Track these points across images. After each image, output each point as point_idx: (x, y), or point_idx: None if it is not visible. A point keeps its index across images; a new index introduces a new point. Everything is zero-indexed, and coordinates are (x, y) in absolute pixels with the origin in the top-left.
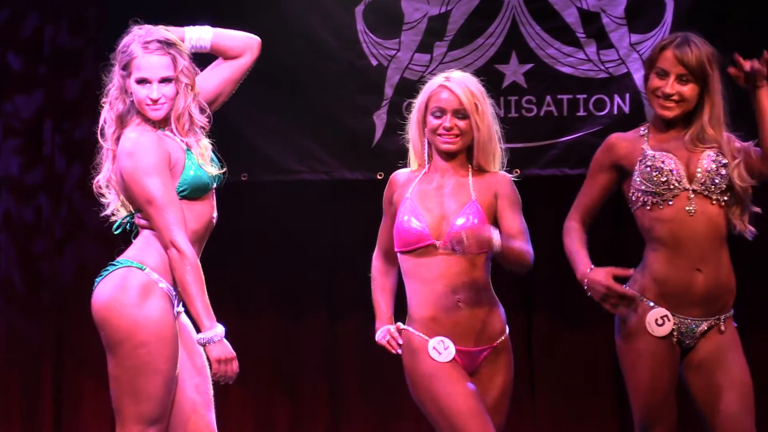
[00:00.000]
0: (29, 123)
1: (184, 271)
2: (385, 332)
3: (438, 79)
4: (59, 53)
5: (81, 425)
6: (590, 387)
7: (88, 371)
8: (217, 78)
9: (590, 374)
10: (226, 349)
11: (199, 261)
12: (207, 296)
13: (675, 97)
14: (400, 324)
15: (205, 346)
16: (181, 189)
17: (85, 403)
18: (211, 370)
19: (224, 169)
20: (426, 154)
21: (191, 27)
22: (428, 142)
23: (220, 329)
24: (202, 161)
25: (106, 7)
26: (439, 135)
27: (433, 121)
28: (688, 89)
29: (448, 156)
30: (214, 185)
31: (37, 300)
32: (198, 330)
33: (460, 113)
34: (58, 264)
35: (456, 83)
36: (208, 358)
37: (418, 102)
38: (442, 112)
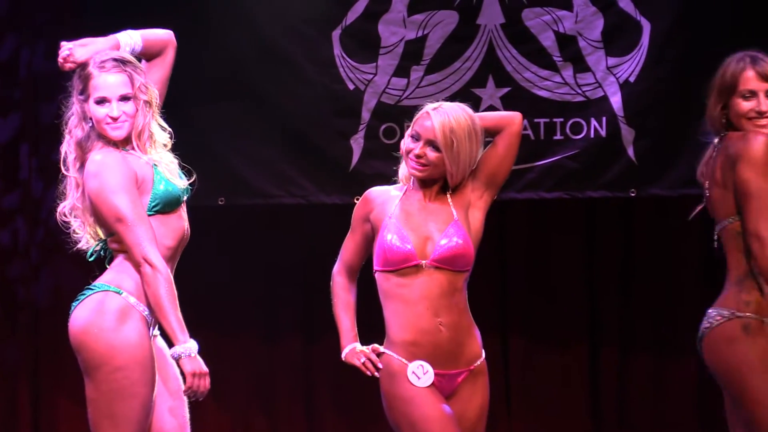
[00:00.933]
0: (6, 147)
1: (158, 285)
2: (358, 353)
3: (430, 105)
4: (35, 77)
5: None
6: (566, 408)
7: (65, 392)
8: (155, 83)
9: (566, 395)
10: (200, 364)
11: (171, 276)
12: (179, 311)
13: None
14: (378, 347)
15: (179, 360)
16: (153, 204)
17: (63, 424)
18: (184, 385)
19: (194, 178)
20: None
21: (120, 33)
22: None
23: (194, 344)
24: (170, 175)
25: (82, 32)
26: (410, 159)
27: (408, 144)
28: None
29: (421, 181)
30: (185, 197)
31: (14, 323)
32: (171, 347)
33: (434, 144)
34: (35, 287)
35: (441, 114)
36: (182, 373)
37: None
38: (418, 137)
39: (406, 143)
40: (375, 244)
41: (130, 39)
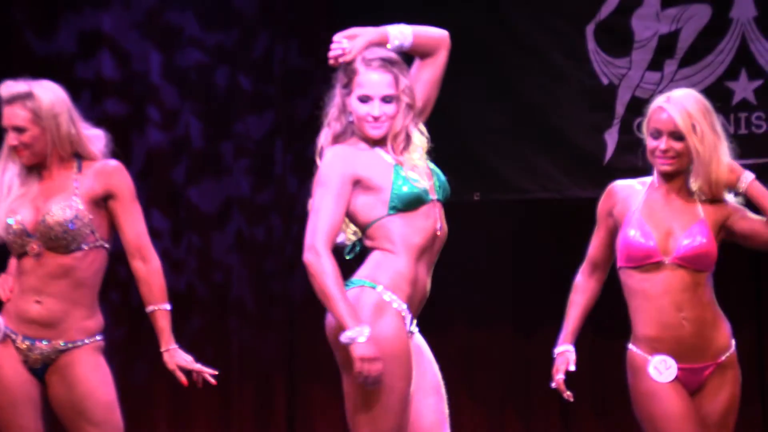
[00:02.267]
0: (260, 143)
1: (322, 273)
2: (562, 358)
3: (659, 99)
4: (289, 73)
5: None
6: None
7: (321, 385)
8: (421, 85)
9: None
10: (370, 349)
11: (418, 269)
12: (344, 298)
13: None
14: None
15: (350, 345)
16: (392, 204)
17: (318, 415)
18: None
19: (442, 183)
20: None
21: (392, 26)
22: None
23: (363, 329)
24: (413, 175)
25: (336, 29)
26: (656, 157)
27: (651, 143)
28: None
29: (667, 176)
30: (433, 199)
31: (269, 317)
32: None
33: (676, 135)
34: (290, 282)
35: (674, 104)
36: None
37: (645, 121)
38: (658, 133)
39: (648, 144)
40: (618, 239)
41: (401, 34)
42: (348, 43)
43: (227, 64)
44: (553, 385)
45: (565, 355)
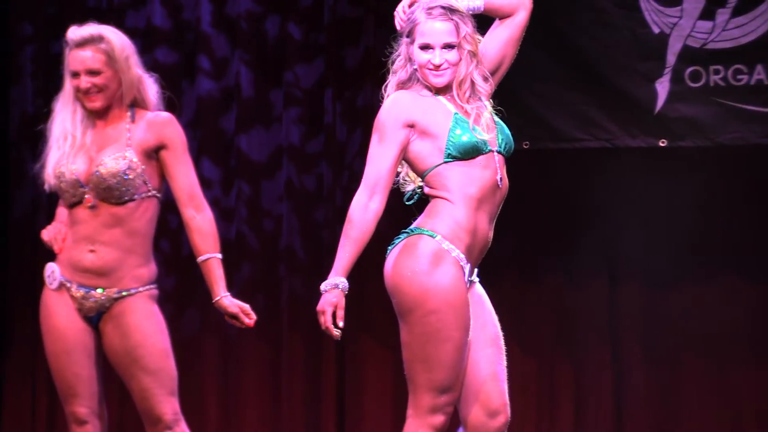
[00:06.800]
0: (310, 92)
1: (346, 219)
2: None
3: None
4: (339, 22)
5: (363, 387)
6: None
7: (371, 335)
8: (496, 41)
9: None
10: (326, 303)
11: (475, 220)
12: (349, 249)
13: None
14: None
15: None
16: (448, 152)
17: (368, 365)
18: None
19: (506, 137)
20: None
21: None
22: None
23: (332, 281)
24: (475, 124)
25: None
26: None
27: None
28: None
29: None
30: (492, 150)
31: (319, 267)
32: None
33: None
34: (339, 231)
35: None
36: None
37: None
38: None
39: None
40: None
41: None
42: None
43: (277, 13)
44: None
45: None
